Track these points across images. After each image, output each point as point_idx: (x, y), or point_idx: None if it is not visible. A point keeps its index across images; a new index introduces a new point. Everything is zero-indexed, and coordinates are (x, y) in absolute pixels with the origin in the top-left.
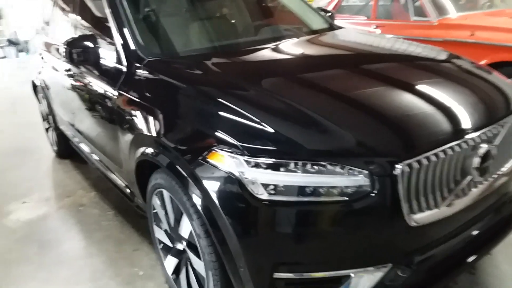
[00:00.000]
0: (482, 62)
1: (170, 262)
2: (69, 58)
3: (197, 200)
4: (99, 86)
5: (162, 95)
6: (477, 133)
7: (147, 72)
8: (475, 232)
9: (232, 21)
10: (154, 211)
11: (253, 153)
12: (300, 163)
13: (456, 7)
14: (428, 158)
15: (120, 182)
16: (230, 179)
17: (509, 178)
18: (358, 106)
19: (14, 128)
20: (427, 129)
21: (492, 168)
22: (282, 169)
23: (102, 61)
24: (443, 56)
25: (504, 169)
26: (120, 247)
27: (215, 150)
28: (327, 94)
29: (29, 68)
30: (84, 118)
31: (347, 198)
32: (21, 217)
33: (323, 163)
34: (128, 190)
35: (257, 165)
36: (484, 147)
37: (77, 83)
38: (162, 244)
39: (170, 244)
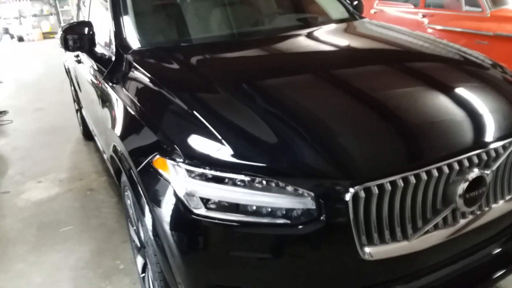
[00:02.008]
0: None
1: (140, 261)
2: (64, 45)
3: (141, 206)
4: (92, 74)
5: (133, 89)
6: (465, 155)
7: (129, 63)
8: (460, 270)
9: (233, 10)
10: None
11: (197, 163)
12: (246, 178)
13: None
14: (393, 183)
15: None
16: (169, 189)
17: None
18: (317, 120)
19: (56, 107)
20: (395, 148)
21: (488, 197)
22: (225, 183)
23: (96, 49)
24: (445, 57)
25: (506, 199)
26: (110, 237)
27: (160, 156)
28: (290, 104)
29: None
30: (87, 103)
31: (289, 222)
32: (32, 197)
33: (271, 180)
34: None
35: (198, 177)
36: (474, 173)
37: (81, 70)
38: (134, 242)
39: (139, 244)
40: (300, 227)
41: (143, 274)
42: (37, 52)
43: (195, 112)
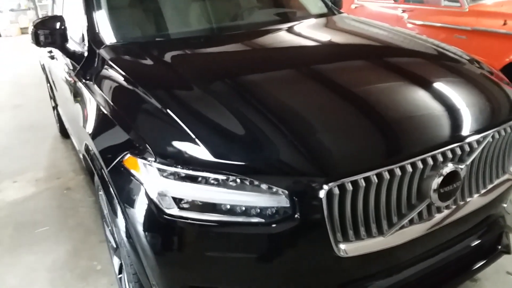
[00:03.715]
0: None
1: (116, 262)
2: (35, 40)
3: (114, 207)
4: (65, 70)
5: (105, 86)
6: (439, 150)
7: (102, 59)
8: (438, 263)
9: (211, 4)
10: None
11: (169, 161)
12: (220, 177)
13: None
14: (367, 179)
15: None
16: (140, 189)
17: (489, 203)
18: (291, 116)
19: (34, 103)
20: (369, 144)
21: (463, 191)
22: (198, 182)
23: (69, 44)
24: (423, 52)
25: (481, 192)
26: (87, 237)
27: (131, 155)
28: (265, 100)
29: None
30: (62, 101)
31: (263, 220)
32: (7, 196)
33: (246, 179)
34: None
35: (171, 176)
36: (448, 167)
37: (55, 66)
38: (110, 243)
39: (114, 244)
40: (274, 225)
41: (120, 275)
42: (15, 48)
43: (168, 110)
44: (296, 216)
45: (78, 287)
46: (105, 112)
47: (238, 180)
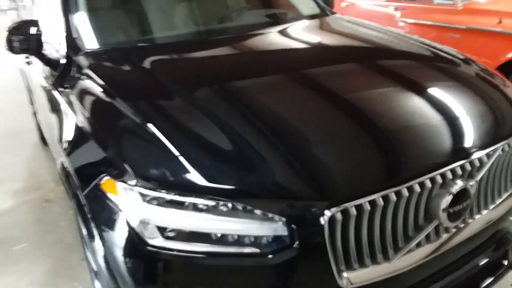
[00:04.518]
0: (509, 56)
1: (97, 286)
2: (9, 46)
3: (90, 232)
4: (42, 77)
5: (81, 96)
6: (448, 167)
7: (79, 67)
8: (449, 284)
9: (198, 6)
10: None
11: (152, 185)
12: (209, 202)
13: None
14: (372, 202)
15: None
16: (120, 216)
17: (499, 218)
18: (287, 134)
19: (14, 108)
20: (372, 163)
21: (472, 209)
22: (185, 208)
23: (45, 51)
24: (424, 56)
25: (490, 208)
26: (68, 255)
27: (109, 177)
28: (258, 114)
29: None
30: (39, 108)
31: (258, 250)
32: None
33: (238, 204)
34: None
35: (154, 201)
36: (458, 185)
37: (32, 72)
38: (90, 265)
39: (95, 268)
40: (270, 256)
41: None
42: None
43: (150, 126)
44: (295, 245)
45: None
46: (81, 126)
47: (230, 205)
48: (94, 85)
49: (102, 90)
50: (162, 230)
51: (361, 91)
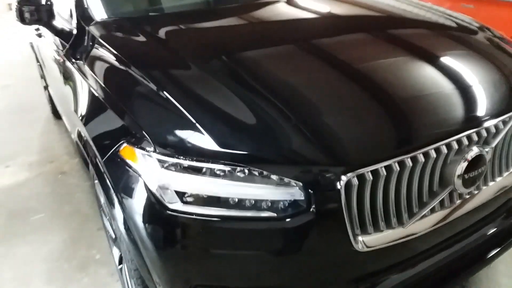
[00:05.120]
0: None
1: (116, 252)
2: (20, 17)
3: (110, 199)
4: (54, 49)
5: (96, 66)
6: (464, 133)
7: (92, 37)
8: (455, 253)
9: None
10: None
11: (170, 151)
12: (226, 167)
13: None
14: (388, 167)
15: None
16: (139, 182)
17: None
18: (303, 100)
19: (24, 83)
20: (389, 129)
21: (486, 175)
22: (203, 174)
23: (57, 21)
24: (440, 23)
25: (504, 175)
26: (85, 225)
27: (127, 144)
28: (273, 82)
29: None
30: (52, 81)
31: (275, 215)
32: None
33: (254, 169)
34: None
35: (172, 167)
36: (473, 151)
37: (42, 44)
38: (108, 233)
39: (113, 235)
40: (287, 220)
41: (120, 266)
42: (3, 25)
43: (166, 93)
44: (311, 210)
45: (76, 279)
46: (97, 95)
47: (246, 171)
48: (108, 54)
49: (116, 59)
50: (180, 195)
51: (377, 59)
